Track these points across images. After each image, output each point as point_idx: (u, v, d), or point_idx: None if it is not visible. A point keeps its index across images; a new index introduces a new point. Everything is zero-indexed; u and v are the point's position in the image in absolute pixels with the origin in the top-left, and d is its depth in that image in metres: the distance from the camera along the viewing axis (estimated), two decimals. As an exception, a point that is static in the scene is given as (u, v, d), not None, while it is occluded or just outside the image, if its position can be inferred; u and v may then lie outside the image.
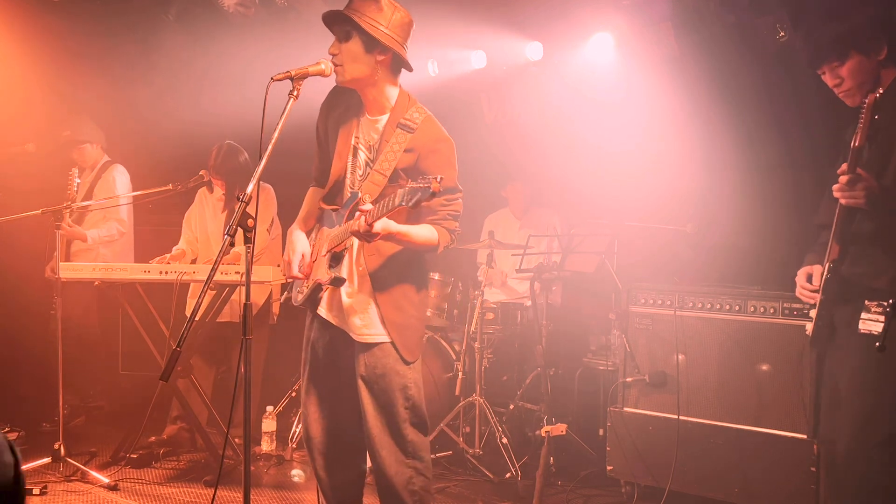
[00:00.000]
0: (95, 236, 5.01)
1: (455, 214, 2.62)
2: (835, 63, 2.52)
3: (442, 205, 2.57)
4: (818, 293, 2.53)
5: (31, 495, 3.76)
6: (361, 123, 2.66)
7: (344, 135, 2.66)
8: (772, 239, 4.38)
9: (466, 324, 4.55)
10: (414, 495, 2.64)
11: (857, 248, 2.46)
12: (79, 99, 5.60)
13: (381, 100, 2.61)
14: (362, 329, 2.62)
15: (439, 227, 2.59)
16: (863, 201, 2.35)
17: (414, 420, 2.65)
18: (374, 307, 2.61)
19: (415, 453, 2.65)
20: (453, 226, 2.62)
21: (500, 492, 4.00)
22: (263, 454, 4.39)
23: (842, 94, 2.56)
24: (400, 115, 2.58)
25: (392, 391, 2.61)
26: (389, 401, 2.61)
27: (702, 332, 3.66)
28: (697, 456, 3.58)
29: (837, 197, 2.40)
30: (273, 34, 5.25)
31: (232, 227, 2.14)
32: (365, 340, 2.62)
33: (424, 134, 2.56)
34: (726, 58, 4.61)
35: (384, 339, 2.61)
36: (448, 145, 2.61)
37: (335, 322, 2.68)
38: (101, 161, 5.25)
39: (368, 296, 2.61)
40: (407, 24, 2.57)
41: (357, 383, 2.63)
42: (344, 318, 2.65)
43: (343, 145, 2.66)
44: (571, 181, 5.36)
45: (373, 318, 2.61)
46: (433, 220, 2.58)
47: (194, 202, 4.76)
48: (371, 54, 2.52)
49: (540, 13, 5.12)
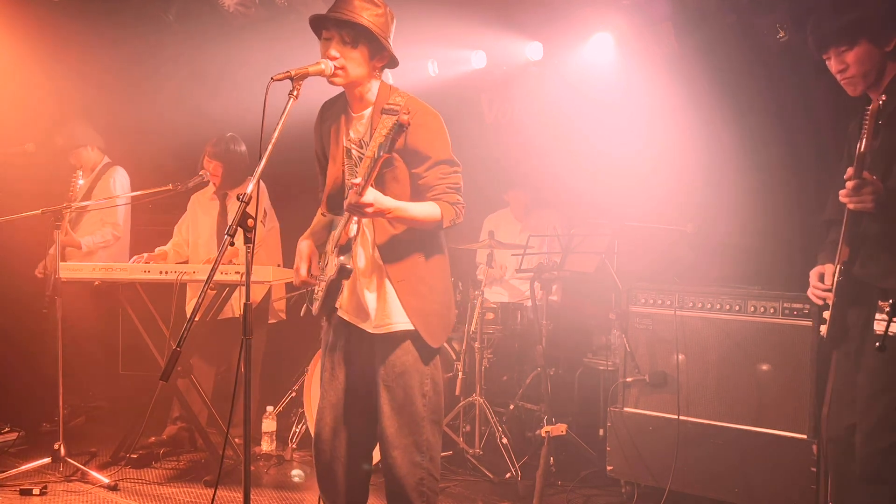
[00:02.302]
0: (90, 243, 5.02)
1: (455, 186, 2.59)
2: (843, 48, 2.50)
3: (439, 178, 2.55)
4: (830, 293, 2.53)
5: (31, 495, 3.76)
6: (348, 123, 2.66)
7: (335, 140, 2.67)
8: (772, 239, 4.38)
9: (466, 324, 4.55)
10: (422, 496, 2.62)
11: (866, 249, 2.46)
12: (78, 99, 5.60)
13: (366, 95, 2.62)
14: (383, 319, 2.59)
15: (440, 201, 2.56)
16: (871, 205, 2.35)
17: (432, 418, 2.63)
18: (392, 295, 2.58)
19: (429, 453, 2.62)
20: (455, 198, 2.58)
21: (500, 492, 4.00)
22: (263, 454, 4.39)
23: (845, 80, 2.54)
24: (383, 103, 2.58)
25: (411, 389, 2.59)
26: (408, 399, 2.59)
27: (702, 332, 3.66)
28: (697, 456, 3.58)
29: (845, 202, 2.40)
30: (273, 34, 5.25)
31: (232, 227, 2.13)
32: (384, 331, 2.59)
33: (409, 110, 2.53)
34: (727, 58, 4.61)
35: (406, 328, 2.57)
36: (434, 118, 2.60)
37: (352, 320, 2.66)
38: (100, 163, 5.26)
39: (384, 284, 2.59)
40: (393, 21, 2.60)
41: (376, 381, 2.61)
42: (361, 313, 2.63)
43: (336, 150, 2.66)
44: (572, 181, 5.36)
45: (392, 306, 2.58)
46: (433, 195, 2.56)
47: (187, 210, 4.75)
48: (373, 60, 2.55)
49: (540, 13, 5.12)
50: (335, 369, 2.70)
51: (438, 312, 2.65)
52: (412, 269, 2.60)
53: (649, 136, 4.89)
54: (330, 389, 2.70)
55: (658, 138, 4.83)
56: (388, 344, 2.60)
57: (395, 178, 2.56)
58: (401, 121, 2.22)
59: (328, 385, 2.70)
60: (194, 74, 5.76)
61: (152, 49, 5.69)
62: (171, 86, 5.83)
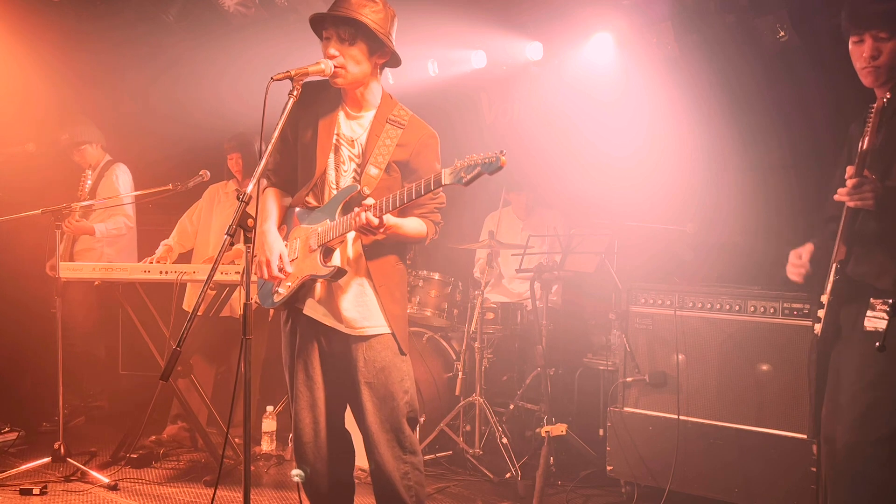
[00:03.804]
0: (104, 230, 5.02)
1: (440, 207, 2.70)
2: (884, 34, 2.39)
3: (430, 198, 2.61)
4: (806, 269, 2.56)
5: (32, 495, 3.77)
6: (341, 120, 2.66)
7: (325, 131, 2.64)
8: (772, 239, 4.38)
9: (466, 324, 4.55)
10: (409, 490, 2.64)
11: (861, 248, 2.46)
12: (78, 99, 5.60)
13: (367, 97, 2.63)
14: (361, 322, 2.60)
15: (426, 219, 2.65)
16: (871, 203, 2.34)
17: (410, 414, 2.67)
18: (372, 299, 2.60)
19: (411, 447, 2.66)
20: (438, 218, 2.70)
21: (500, 492, 4.00)
22: (263, 454, 4.38)
23: (869, 67, 2.43)
24: (388, 112, 2.62)
25: (392, 384, 2.61)
26: (390, 394, 2.61)
27: (702, 332, 3.66)
28: (697, 456, 3.58)
29: (844, 200, 2.39)
30: (273, 34, 5.25)
31: (232, 226, 2.13)
32: (364, 333, 2.61)
33: (415, 130, 2.63)
34: (726, 58, 4.61)
35: (385, 331, 2.61)
36: (436, 141, 2.68)
37: (323, 320, 2.63)
38: (102, 160, 5.26)
39: (366, 288, 2.61)
40: (395, 20, 2.61)
41: (356, 379, 2.61)
42: (336, 313, 2.62)
43: (325, 141, 2.64)
44: (571, 181, 5.36)
45: (372, 310, 2.61)
46: (421, 213, 2.64)
47: (202, 198, 4.79)
48: (373, 57, 2.55)
49: (540, 13, 5.13)
50: (309, 370, 2.68)
51: (406, 318, 2.73)
52: (391, 275, 2.66)
53: (649, 136, 4.89)
54: (305, 390, 2.69)
55: (658, 138, 4.84)
56: (366, 343, 2.61)
57: (388, 189, 2.57)
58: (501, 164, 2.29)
59: (303, 386, 2.69)
60: (194, 74, 5.77)
61: (152, 49, 5.69)
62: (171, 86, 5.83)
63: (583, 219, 5.17)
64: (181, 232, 4.73)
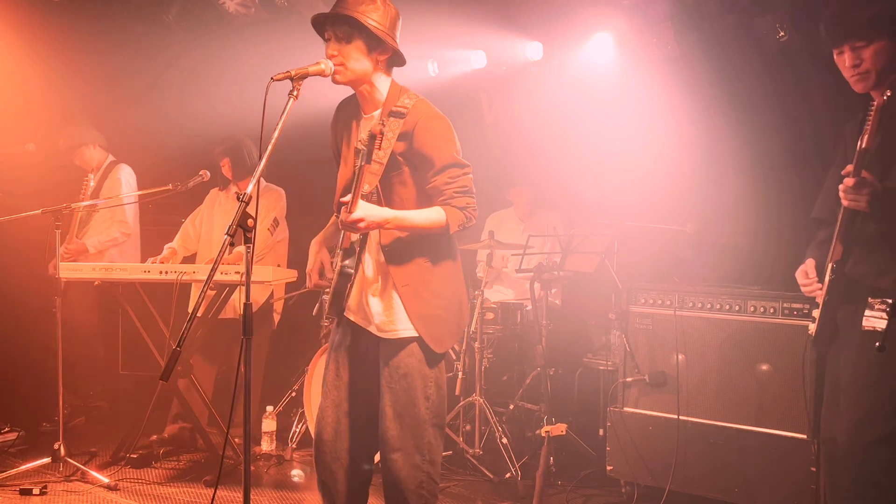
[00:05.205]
0: (96, 244, 5.04)
1: (464, 190, 2.55)
2: (860, 43, 2.45)
3: (446, 183, 2.53)
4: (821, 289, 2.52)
5: (31, 495, 3.77)
6: (360, 125, 2.66)
7: (347, 141, 2.67)
8: (772, 239, 4.38)
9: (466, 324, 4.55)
10: (421, 499, 2.60)
11: (860, 248, 2.45)
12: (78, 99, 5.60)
13: (375, 95, 2.61)
14: (388, 325, 2.58)
15: (447, 206, 2.54)
16: (864, 205, 2.35)
17: (434, 422, 2.63)
18: (397, 301, 2.57)
19: (429, 456, 2.61)
20: (464, 202, 2.54)
21: (500, 492, 4.00)
22: (263, 454, 4.38)
23: (856, 76, 2.49)
24: (391, 105, 2.57)
25: (414, 392, 2.58)
26: (411, 402, 2.58)
27: (702, 332, 3.66)
28: (697, 456, 3.58)
29: (841, 198, 2.40)
30: (273, 34, 5.25)
31: (232, 226, 2.13)
32: (389, 336, 2.59)
33: (416, 114, 2.54)
34: (726, 57, 4.61)
35: (410, 334, 2.57)
36: (441, 121, 2.57)
37: (359, 322, 2.65)
38: (105, 162, 5.26)
39: (390, 289, 2.58)
40: (397, 18, 2.59)
41: (380, 383, 2.60)
42: (367, 316, 2.62)
43: (348, 151, 2.66)
44: (572, 181, 5.36)
45: (397, 312, 2.57)
46: (442, 200, 2.54)
47: (203, 203, 4.79)
48: (373, 54, 2.54)
49: (540, 13, 5.12)
50: (340, 369, 2.69)
51: (443, 318, 2.62)
52: (417, 274, 2.58)
53: (649, 136, 4.89)
54: (333, 389, 2.69)
55: (658, 138, 4.84)
56: (392, 347, 2.59)
57: (402, 183, 2.56)
58: (373, 130, 2.21)
59: (332, 384, 2.69)
60: (194, 75, 5.76)
61: (152, 50, 5.69)
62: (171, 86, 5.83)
63: (583, 219, 5.17)
64: (184, 235, 4.73)
